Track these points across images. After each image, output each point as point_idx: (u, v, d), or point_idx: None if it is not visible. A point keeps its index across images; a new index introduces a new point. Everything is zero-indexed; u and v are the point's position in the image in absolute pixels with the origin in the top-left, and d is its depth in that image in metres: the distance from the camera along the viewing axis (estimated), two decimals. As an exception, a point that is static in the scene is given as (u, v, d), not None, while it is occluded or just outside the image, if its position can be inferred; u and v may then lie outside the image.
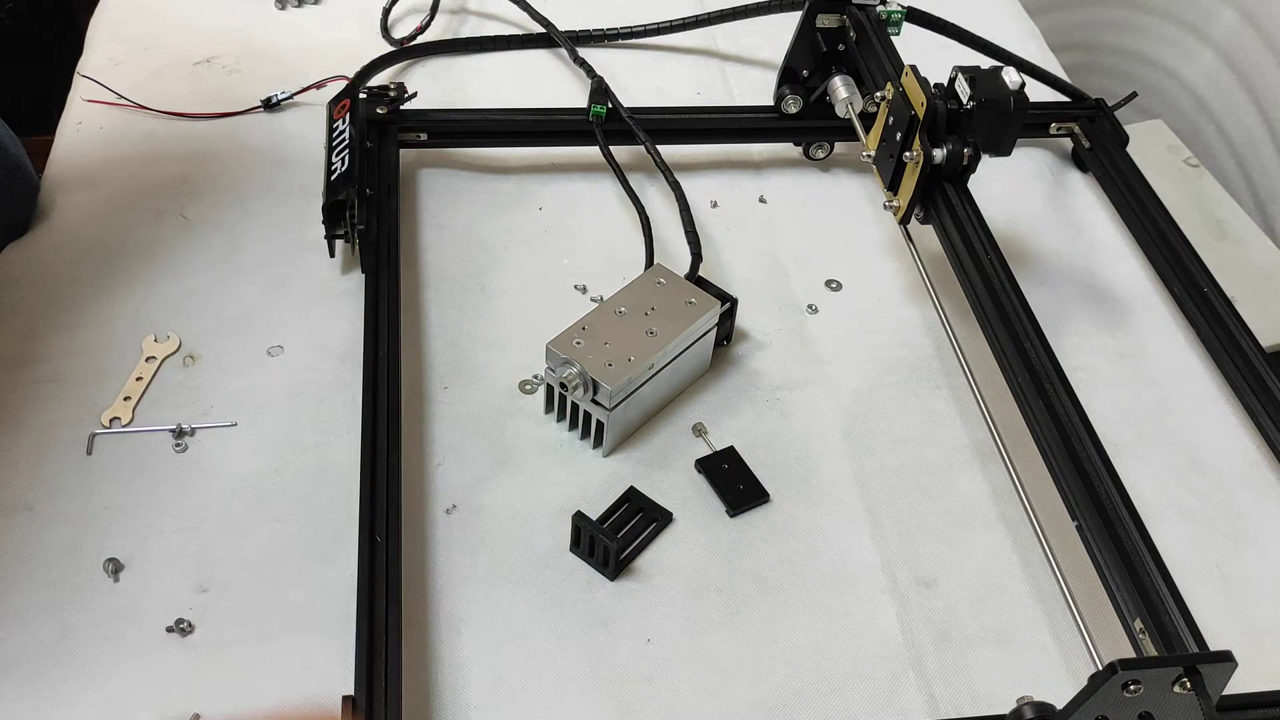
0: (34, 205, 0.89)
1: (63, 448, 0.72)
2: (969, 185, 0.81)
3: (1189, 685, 0.52)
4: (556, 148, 0.97)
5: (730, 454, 0.76)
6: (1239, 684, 0.54)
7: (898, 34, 0.90)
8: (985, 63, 0.85)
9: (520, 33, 1.09)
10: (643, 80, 1.05)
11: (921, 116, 0.78)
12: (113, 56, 1.03)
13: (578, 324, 0.74)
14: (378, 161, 0.88)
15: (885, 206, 0.83)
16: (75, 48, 1.06)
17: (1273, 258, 1.13)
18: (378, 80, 0.99)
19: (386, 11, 1.08)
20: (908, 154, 0.79)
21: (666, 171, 0.90)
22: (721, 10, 1.02)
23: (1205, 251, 0.90)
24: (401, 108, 0.92)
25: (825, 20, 0.91)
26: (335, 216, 0.82)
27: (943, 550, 0.72)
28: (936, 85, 0.80)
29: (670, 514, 0.72)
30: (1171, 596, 0.60)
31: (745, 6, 1.01)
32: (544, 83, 1.05)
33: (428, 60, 1.07)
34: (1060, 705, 0.53)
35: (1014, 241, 0.94)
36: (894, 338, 0.86)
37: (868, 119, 0.88)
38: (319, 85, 0.99)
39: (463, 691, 0.63)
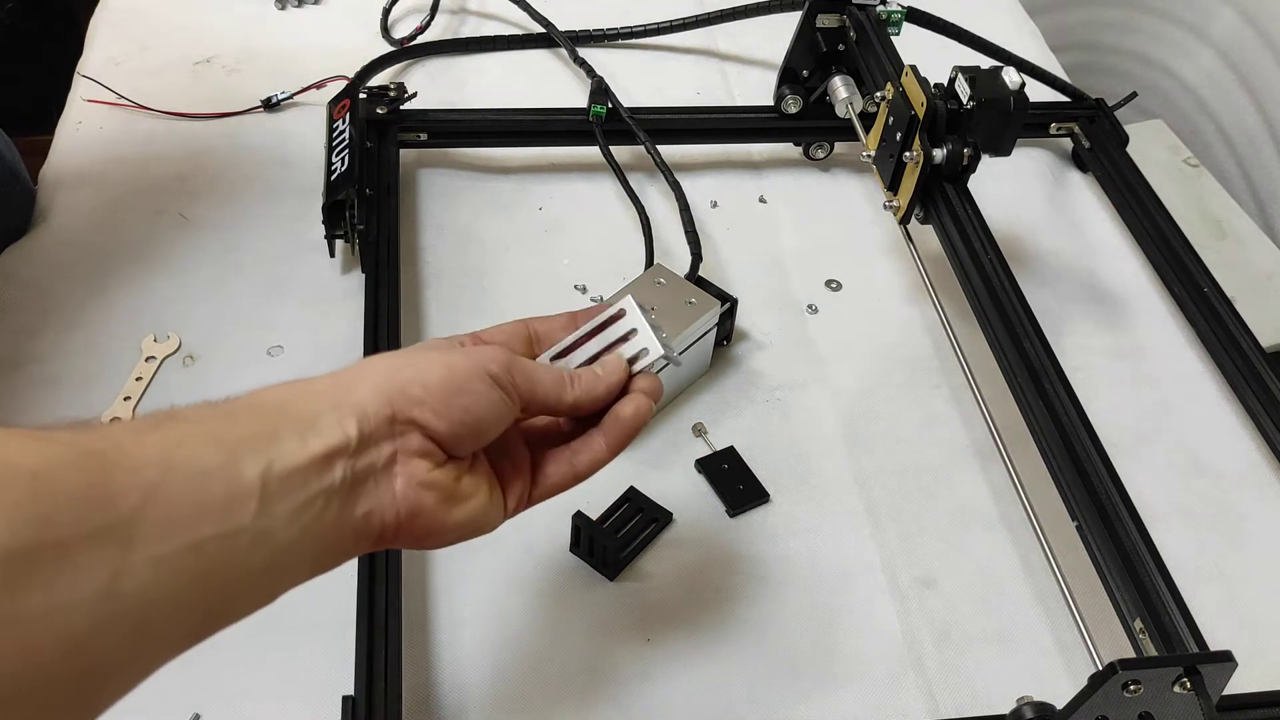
0: (30, 211, 0.89)
1: (62, 448, 0.72)
2: (969, 185, 0.81)
3: (1189, 685, 0.52)
4: (556, 148, 0.97)
5: (730, 454, 0.76)
6: (1239, 684, 0.54)
7: (898, 34, 0.90)
8: (985, 63, 0.85)
9: (520, 33, 1.09)
10: (643, 80, 1.05)
11: (921, 116, 0.78)
12: (113, 56, 1.03)
13: (578, 324, 0.74)
14: (378, 161, 0.88)
15: (885, 206, 0.83)
16: (75, 48, 1.06)
17: (1273, 258, 1.13)
18: (378, 80, 0.99)
19: (386, 11, 1.08)
20: (908, 154, 0.79)
21: (666, 171, 0.90)
22: (721, 10, 1.02)
23: (1205, 251, 0.90)
24: (401, 108, 0.92)
25: (825, 20, 0.91)
26: (335, 216, 0.82)
27: (943, 550, 0.72)
28: (936, 85, 0.80)
29: (670, 514, 0.72)
30: (1171, 596, 0.60)
31: (745, 6, 1.01)
32: (544, 83, 1.05)
33: (428, 60, 1.07)
34: (1060, 705, 0.53)
35: (1014, 241, 0.94)
36: (894, 338, 0.86)
37: (868, 119, 0.88)
38: (319, 85, 0.99)
39: (463, 691, 0.63)
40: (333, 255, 0.85)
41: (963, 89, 0.78)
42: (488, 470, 0.49)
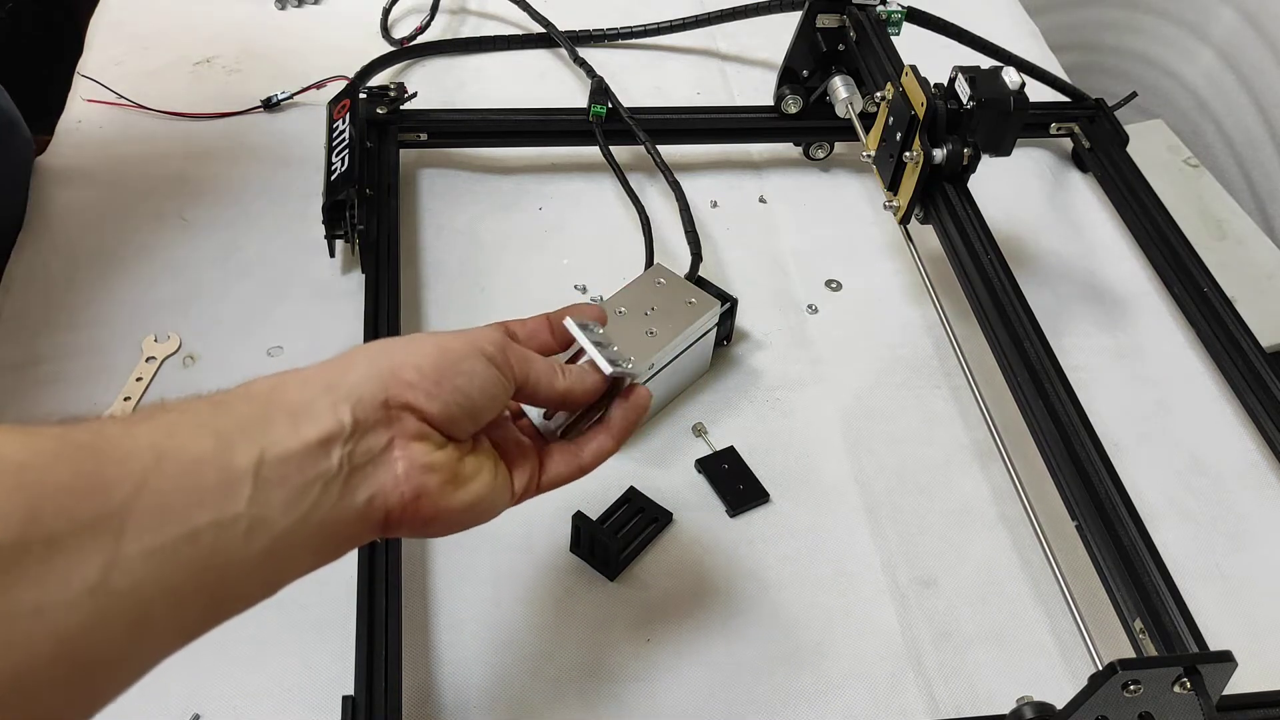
0: (30, 162, 0.88)
1: (63, 448, 0.72)
2: (969, 185, 0.81)
3: (1189, 685, 0.52)
4: (556, 148, 0.97)
5: (730, 454, 0.76)
6: (1239, 684, 0.54)
7: (898, 34, 0.90)
8: (985, 63, 0.85)
9: (520, 33, 1.09)
10: (643, 80, 1.05)
11: (921, 116, 0.78)
12: (113, 56, 1.03)
13: (578, 324, 0.74)
14: (378, 161, 0.88)
15: (885, 206, 0.83)
16: (75, 48, 1.06)
17: (1273, 258, 1.14)
18: (378, 80, 0.99)
19: (386, 11, 1.08)
20: (908, 154, 0.79)
21: (666, 171, 0.90)
22: (721, 10, 1.02)
23: (1205, 251, 0.90)
24: (401, 108, 0.92)
25: (825, 20, 0.92)
26: (335, 216, 0.82)
27: (943, 550, 0.72)
28: (936, 85, 0.80)
29: (670, 514, 0.72)
30: (1171, 596, 0.60)
31: (745, 6, 1.01)
32: (544, 83, 1.05)
33: (428, 60, 1.07)
34: (1060, 705, 0.53)
35: (1014, 241, 0.94)
36: (894, 338, 0.86)
37: (868, 119, 0.88)
38: (319, 85, 0.99)
39: (463, 691, 0.63)
40: (333, 255, 0.85)
41: (963, 89, 0.78)
42: (491, 451, 0.49)
